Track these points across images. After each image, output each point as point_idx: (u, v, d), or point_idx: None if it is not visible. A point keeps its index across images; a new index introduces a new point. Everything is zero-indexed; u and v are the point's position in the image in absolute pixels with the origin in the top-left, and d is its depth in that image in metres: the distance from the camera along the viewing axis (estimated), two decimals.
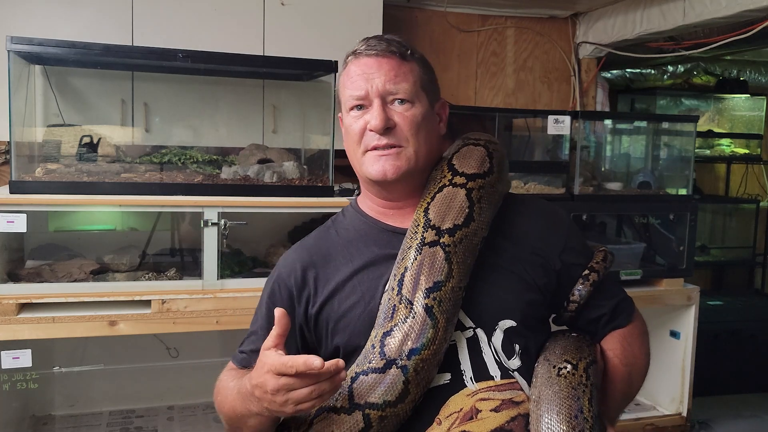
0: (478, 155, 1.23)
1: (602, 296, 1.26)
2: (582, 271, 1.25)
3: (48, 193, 2.21)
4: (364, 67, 1.18)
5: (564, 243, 1.25)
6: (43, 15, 2.56)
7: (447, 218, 1.15)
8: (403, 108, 1.17)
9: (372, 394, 1.06)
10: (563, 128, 2.89)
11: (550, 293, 1.23)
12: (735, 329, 3.70)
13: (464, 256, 1.14)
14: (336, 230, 1.29)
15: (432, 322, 1.08)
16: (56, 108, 2.60)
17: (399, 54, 1.18)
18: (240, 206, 2.35)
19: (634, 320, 1.30)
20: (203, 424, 2.78)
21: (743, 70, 4.59)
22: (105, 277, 2.33)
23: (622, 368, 1.23)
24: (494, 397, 1.11)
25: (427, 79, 1.21)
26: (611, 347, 1.25)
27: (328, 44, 2.87)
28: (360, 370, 1.09)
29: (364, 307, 1.17)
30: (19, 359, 2.16)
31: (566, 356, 1.17)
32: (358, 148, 1.20)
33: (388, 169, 1.16)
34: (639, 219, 3.24)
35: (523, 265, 1.20)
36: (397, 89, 1.16)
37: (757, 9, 2.59)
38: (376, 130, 1.15)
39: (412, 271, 1.11)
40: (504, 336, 1.15)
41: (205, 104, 2.84)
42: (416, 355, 1.06)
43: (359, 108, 1.18)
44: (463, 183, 1.18)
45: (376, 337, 1.10)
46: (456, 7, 3.41)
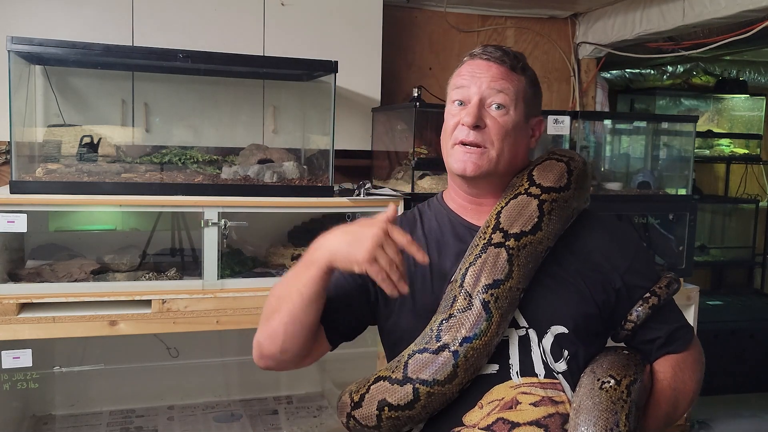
0: (558, 170, 1.30)
1: (660, 320, 1.31)
2: (643, 294, 1.30)
3: (48, 193, 2.21)
4: (474, 67, 1.27)
5: (629, 264, 1.29)
6: (44, 15, 2.56)
7: (516, 224, 1.22)
8: (498, 113, 1.24)
9: (424, 371, 1.16)
10: (563, 128, 2.89)
11: (608, 310, 1.28)
12: (735, 329, 3.70)
13: (526, 260, 1.21)
14: (420, 217, 1.38)
15: (486, 316, 1.16)
16: (56, 108, 2.60)
17: (510, 65, 1.26)
18: (240, 206, 2.35)
19: (690, 348, 1.33)
20: (203, 424, 2.78)
21: (743, 71, 4.60)
22: (105, 277, 2.34)
23: (669, 391, 1.28)
24: (535, 392, 1.19)
25: (530, 93, 1.29)
26: (662, 369, 1.30)
27: (328, 44, 2.87)
28: (417, 348, 1.18)
29: (432, 293, 1.25)
30: (20, 359, 2.17)
31: (612, 371, 1.21)
32: (449, 140, 1.27)
33: (468, 166, 1.24)
34: (638, 219, 3.24)
35: (584, 279, 1.26)
36: (496, 94, 1.24)
37: (757, 9, 2.59)
38: (467, 125, 1.23)
39: (475, 266, 1.20)
40: (554, 340, 1.22)
41: (205, 104, 2.85)
42: (468, 343, 1.15)
43: (459, 104, 1.27)
44: (538, 194, 1.25)
45: (435, 322, 1.19)
46: (456, 7, 3.41)
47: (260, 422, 2.80)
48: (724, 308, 3.98)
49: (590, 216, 1.35)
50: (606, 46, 3.49)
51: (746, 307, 4.10)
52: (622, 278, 1.28)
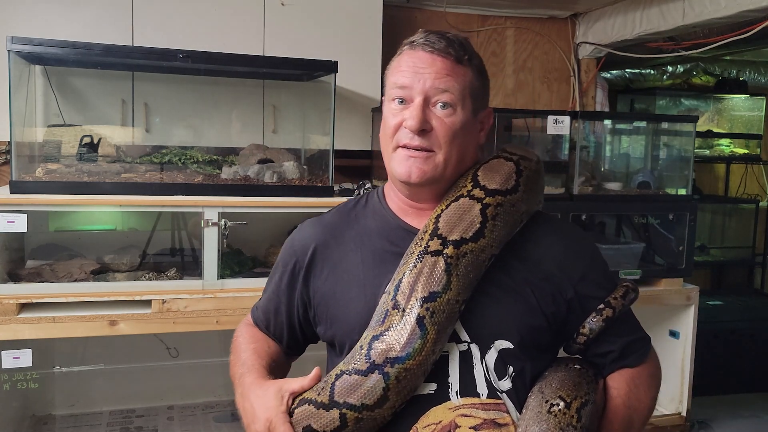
0: (505, 171, 1.19)
1: (615, 332, 1.20)
2: (598, 305, 1.20)
3: (48, 193, 2.21)
4: (417, 60, 1.14)
5: (582, 273, 1.19)
6: (44, 15, 2.56)
7: (455, 230, 1.12)
8: (443, 113, 1.13)
9: (352, 394, 1.05)
10: (563, 128, 2.89)
11: (558, 322, 1.18)
12: (734, 329, 3.70)
13: (467, 270, 1.10)
14: (356, 214, 1.28)
15: (421, 333, 1.05)
16: (56, 108, 2.60)
17: (455, 57, 1.14)
18: (240, 206, 2.35)
19: (646, 362, 1.24)
20: (203, 424, 2.78)
21: (742, 71, 4.59)
22: (105, 277, 2.34)
23: (624, 410, 1.18)
24: (477, 414, 1.08)
25: (478, 86, 1.18)
26: (616, 386, 1.20)
27: (328, 44, 2.87)
28: (345, 368, 1.08)
29: (365, 303, 1.16)
30: (20, 359, 2.17)
31: (561, 391, 1.11)
32: (391, 142, 1.17)
33: (413, 172, 1.14)
34: (638, 219, 3.24)
35: (532, 289, 1.15)
36: (442, 93, 1.13)
37: (757, 9, 2.59)
38: (411, 130, 1.12)
39: (409, 277, 1.09)
40: (498, 356, 1.12)
41: (205, 104, 2.85)
42: (400, 364, 1.05)
43: (400, 102, 1.15)
44: (481, 197, 1.14)
45: (366, 339, 1.09)
46: (455, 7, 3.41)
47: None
48: (724, 308, 3.98)
49: (543, 219, 1.25)
50: (606, 46, 3.49)
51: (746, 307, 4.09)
52: (575, 288, 1.18)
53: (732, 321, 3.78)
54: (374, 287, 1.17)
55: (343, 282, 1.20)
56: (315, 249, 1.25)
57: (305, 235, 1.29)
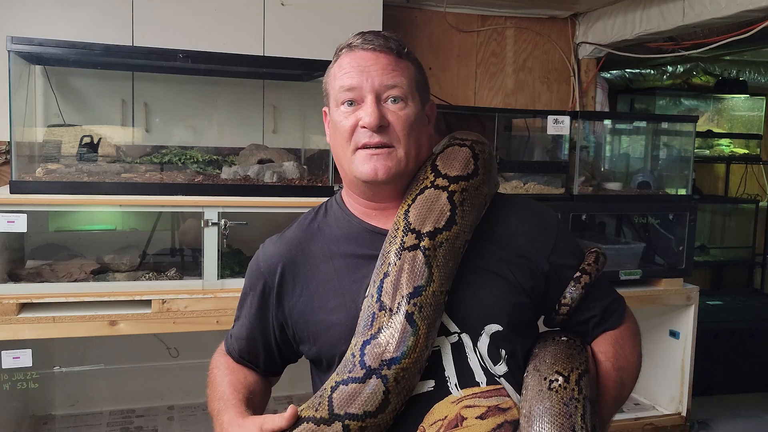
0: (462, 156, 1.19)
1: (593, 298, 1.23)
2: (573, 273, 1.22)
3: (48, 193, 2.21)
4: (359, 59, 1.14)
5: (552, 244, 1.21)
6: (43, 15, 2.56)
7: (427, 221, 1.11)
8: (396, 107, 1.13)
9: (352, 404, 1.03)
10: (563, 128, 2.89)
11: (538, 296, 1.20)
12: (734, 329, 3.70)
13: (445, 259, 1.10)
14: (318, 225, 1.26)
15: (413, 330, 1.05)
16: (56, 108, 2.60)
17: (396, 51, 1.15)
18: (240, 206, 2.35)
19: (626, 321, 1.26)
20: (203, 424, 2.78)
21: (742, 71, 4.60)
22: (105, 277, 2.34)
23: (614, 372, 1.20)
24: (480, 404, 1.08)
25: (420, 78, 1.19)
26: (603, 350, 1.22)
27: (328, 44, 2.84)
28: (340, 379, 1.06)
29: (346, 312, 1.14)
30: (20, 359, 2.16)
31: (557, 366, 1.12)
32: (348, 145, 1.14)
33: (379, 169, 1.12)
34: (638, 219, 3.24)
35: (509, 267, 1.16)
36: (392, 86, 1.13)
37: (757, 9, 2.59)
38: (369, 128, 1.11)
39: (391, 276, 1.08)
40: (490, 341, 1.12)
41: (205, 104, 2.85)
42: (396, 365, 1.03)
43: (350, 104, 1.14)
44: (445, 185, 1.14)
45: (356, 346, 1.07)
46: (455, 7, 3.42)
47: None
48: (724, 308, 3.98)
49: (503, 200, 1.26)
50: (606, 46, 3.49)
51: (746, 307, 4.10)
52: (549, 260, 1.19)
53: (732, 321, 3.78)
54: (353, 294, 1.15)
55: (320, 295, 1.18)
56: (283, 267, 1.23)
57: (269, 255, 1.27)
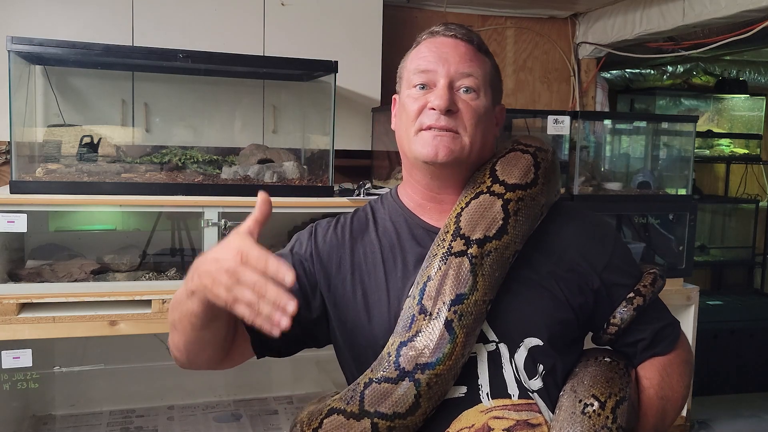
0: (523, 164, 1.16)
1: (645, 320, 1.18)
2: (625, 292, 1.18)
3: (48, 193, 2.21)
4: (439, 45, 1.14)
5: (607, 261, 1.17)
6: (43, 15, 2.56)
7: (478, 228, 1.09)
8: (468, 97, 1.12)
9: (383, 403, 1.03)
10: (563, 128, 2.89)
11: (586, 314, 1.16)
12: (734, 329, 3.70)
13: (491, 269, 1.08)
14: (374, 217, 1.24)
15: (450, 337, 1.03)
16: (56, 108, 2.60)
17: (476, 44, 1.15)
18: (240, 206, 2.35)
19: (677, 348, 1.21)
20: (203, 424, 2.78)
21: (742, 71, 4.60)
22: (105, 277, 2.34)
23: (657, 401, 1.15)
24: (509, 416, 1.06)
25: (495, 77, 1.19)
26: (648, 376, 1.17)
27: (328, 44, 2.87)
28: (374, 376, 1.05)
29: (388, 309, 1.13)
30: (20, 359, 2.16)
31: (594, 389, 1.09)
32: (412, 126, 1.13)
33: (441, 150, 1.10)
34: (638, 219, 3.24)
35: (558, 282, 1.13)
36: (468, 74, 1.12)
37: (757, 9, 2.59)
38: (438, 109, 1.10)
39: (435, 281, 1.07)
40: (528, 354, 1.10)
41: (205, 104, 2.85)
42: (431, 370, 1.03)
43: (422, 87, 1.13)
44: (502, 193, 1.11)
45: (393, 345, 1.06)
46: (456, 7, 3.42)
47: (260, 422, 2.80)
48: (724, 308, 3.98)
49: (561, 210, 1.21)
50: (606, 46, 3.49)
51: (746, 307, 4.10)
52: (600, 277, 1.15)
53: (732, 321, 3.78)
54: (397, 290, 1.14)
55: (365, 286, 1.16)
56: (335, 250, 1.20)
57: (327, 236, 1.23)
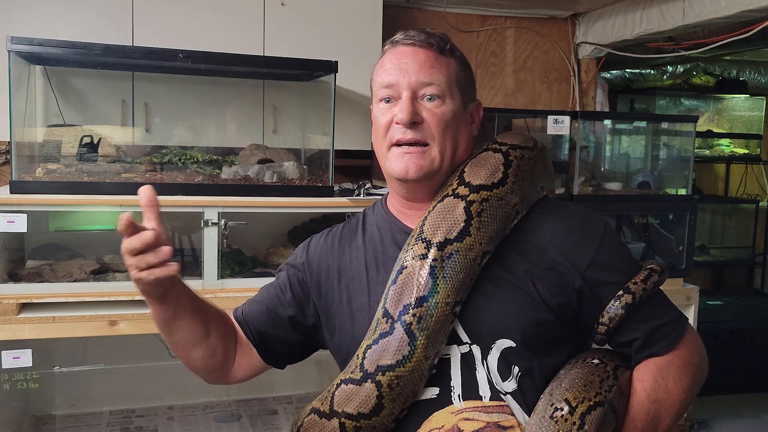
0: (492, 164, 1.14)
1: (638, 319, 1.12)
2: (615, 290, 1.12)
3: (48, 193, 2.21)
4: (399, 55, 1.14)
5: (590, 258, 1.12)
6: (43, 15, 2.56)
7: (439, 231, 1.09)
8: (433, 104, 1.12)
9: (348, 404, 1.07)
10: (563, 128, 2.89)
11: (569, 314, 1.12)
12: (734, 329, 3.70)
13: (454, 271, 1.07)
14: (363, 224, 1.28)
15: (410, 340, 1.04)
16: (56, 108, 2.60)
17: (437, 47, 1.14)
18: (240, 206, 2.35)
19: (677, 348, 1.13)
20: (203, 424, 2.78)
21: (742, 71, 4.59)
22: (105, 277, 2.34)
23: (648, 404, 1.10)
24: (479, 418, 1.06)
25: (463, 77, 1.17)
26: (641, 378, 1.12)
27: (328, 44, 2.87)
28: (343, 378, 1.10)
29: (369, 311, 1.15)
30: (20, 359, 2.16)
31: (569, 393, 1.05)
32: (384, 141, 1.15)
33: (410, 167, 1.12)
34: (638, 219, 3.24)
35: (535, 281, 1.10)
36: (429, 82, 1.12)
37: (757, 9, 2.59)
38: (402, 123, 1.11)
39: (397, 284, 1.09)
40: (501, 356, 1.08)
41: (205, 104, 2.85)
42: (391, 372, 1.05)
43: (387, 101, 1.14)
44: (465, 194, 1.11)
45: (361, 348, 1.09)
46: (455, 7, 3.41)
47: (260, 422, 2.80)
48: (724, 308, 3.98)
49: (546, 206, 1.19)
50: (606, 46, 3.49)
51: (746, 307, 4.10)
52: (584, 275, 1.11)
53: (732, 321, 3.78)
54: (377, 294, 1.15)
55: (350, 291, 1.20)
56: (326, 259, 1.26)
57: (315, 245, 1.30)
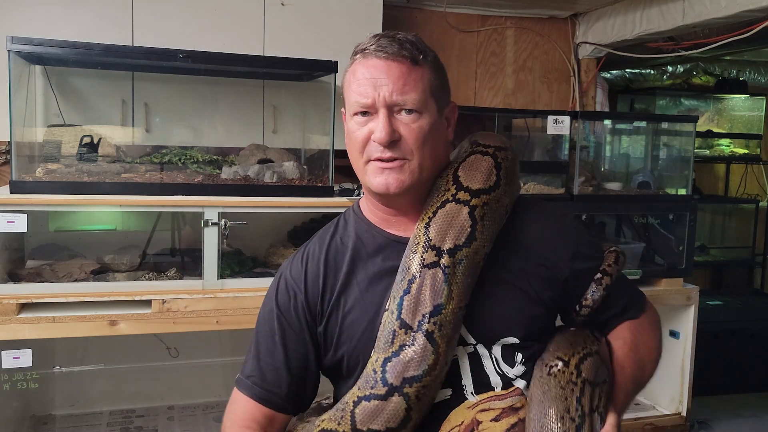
0: (485, 167, 1.16)
1: (613, 296, 1.22)
2: (593, 275, 1.21)
3: (48, 193, 2.21)
4: (372, 70, 1.11)
5: (573, 250, 1.19)
6: (43, 15, 2.56)
7: (447, 238, 1.10)
8: (409, 119, 1.10)
9: (374, 420, 1.06)
10: (563, 128, 2.89)
11: (556, 305, 1.20)
12: (734, 329, 3.70)
13: (464, 276, 1.10)
14: (340, 238, 1.24)
15: (433, 348, 1.06)
16: (56, 108, 2.60)
17: (411, 58, 1.10)
18: (240, 206, 2.35)
19: (646, 311, 1.27)
20: (203, 424, 2.78)
21: (742, 71, 4.59)
22: (105, 277, 2.34)
23: (632, 354, 1.20)
24: (494, 406, 1.10)
25: (438, 83, 1.14)
26: (621, 335, 1.22)
27: (328, 44, 2.87)
28: (362, 395, 1.08)
29: (368, 323, 1.15)
30: (20, 359, 2.16)
31: (558, 352, 1.13)
32: (361, 157, 1.14)
33: (391, 183, 1.11)
34: (638, 219, 3.24)
35: (529, 278, 1.15)
36: (404, 100, 1.09)
37: (757, 9, 2.59)
38: (380, 143, 1.09)
39: (411, 294, 1.08)
40: (504, 349, 1.14)
41: (205, 104, 2.85)
42: (418, 383, 1.05)
43: (363, 114, 1.12)
44: (467, 200, 1.12)
45: (377, 362, 1.08)
46: (455, 7, 3.41)
47: None
48: (724, 308, 3.98)
49: (524, 205, 1.23)
50: (606, 46, 3.49)
51: (746, 307, 4.09)
52: (570, 267, 1.18)
53: (732, 321, 3.78)
54: (375, 306, 1.15)
55: (344, 306, 1.18)
56: (312, 282, 1.21)
57: (295, 273, 1.24)
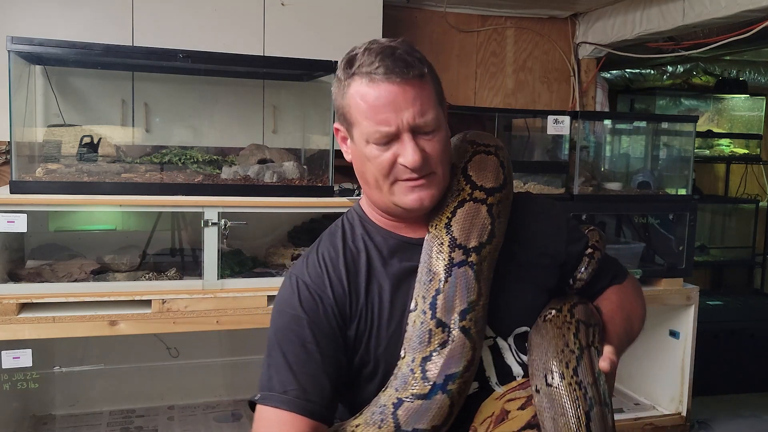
0: (492, 166, 1.21)
1: (602, 269, 1.31)
2: (582, 254, 1.30)
3: (48, 193, 2.21)
4: (387, 95, 1.07)
5: (566, 235, 1.28)
6: (44, 15, 2.56)
7: (472, 236, 1.14)
8: (430, 136, 1.11)
9: (420, 420, 1.07)
10: (563, 128, 2.89)
11: (556, 291, 1.28)
12: (734, 329, 3.70)
13: (488, 272, 1.15)
14: (351, 241, 1.22)
15: (470, 344, 1.10)
16: (56, 108, 2.60)
17: (418, 75, 1.09)
18: (240, 206, 2.35)
19: (628, 278, 1.37)
20: (203, 424, 2.79)
21: (742, 71, 4.59)
22: (105, 277, 2.34)
23: (621, 311, 1.27)
24: (519, 395, 1.14)
25: (439, 91, 1.15)
26: (608, 297, 1.31)
27: (328, 44, 2.87)
28: (403, 396, 1.09)
29: (396, 326, 1.16)
30: (20, 359, 2.16)
31: (551, 305, 1.20)
32: (386, 180, 1.12)
33: (424, 198, 1.12)
34: (638, 219, 3.24)
35: (535, 269, 1.23)
36: (425, 122, 1.09)
37: (757, 9, 2.59)
38: (414, 168, 1.08)
39: (444, 293, 1.11)
40: (517, 338, 1.20)
41: (205, 104, 2.85)
42: (459, 378, 1.09)
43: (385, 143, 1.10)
44: (484, 198, 1.16)
45: (415, 362, 1.10)
46: (455, 7, 3.41)
47: None
48: (724, 308, 3.98)
49: (519, 200, 1.28)
50: (606, 46, 3.49)
51: (746, 307, 4.09)
52: (566, 251, 1.27)
53: (732, 321, 3.78)
54: (401, 308, 1.16)
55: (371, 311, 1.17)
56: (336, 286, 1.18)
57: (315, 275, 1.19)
